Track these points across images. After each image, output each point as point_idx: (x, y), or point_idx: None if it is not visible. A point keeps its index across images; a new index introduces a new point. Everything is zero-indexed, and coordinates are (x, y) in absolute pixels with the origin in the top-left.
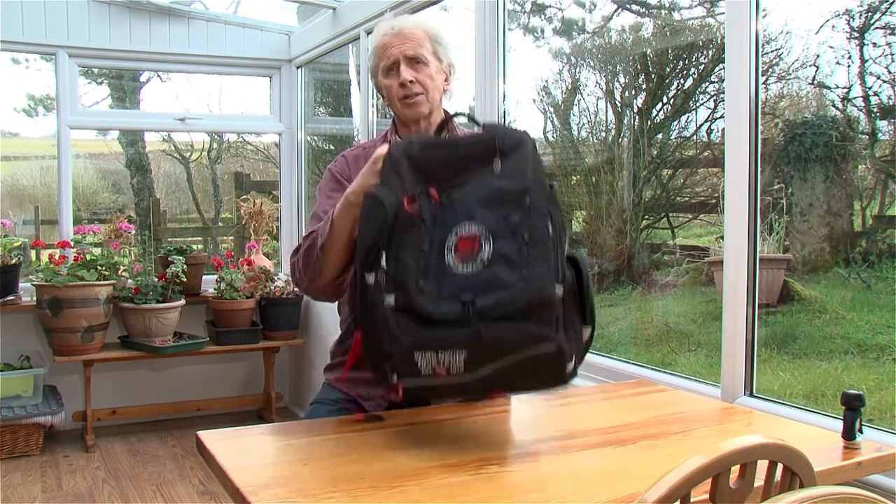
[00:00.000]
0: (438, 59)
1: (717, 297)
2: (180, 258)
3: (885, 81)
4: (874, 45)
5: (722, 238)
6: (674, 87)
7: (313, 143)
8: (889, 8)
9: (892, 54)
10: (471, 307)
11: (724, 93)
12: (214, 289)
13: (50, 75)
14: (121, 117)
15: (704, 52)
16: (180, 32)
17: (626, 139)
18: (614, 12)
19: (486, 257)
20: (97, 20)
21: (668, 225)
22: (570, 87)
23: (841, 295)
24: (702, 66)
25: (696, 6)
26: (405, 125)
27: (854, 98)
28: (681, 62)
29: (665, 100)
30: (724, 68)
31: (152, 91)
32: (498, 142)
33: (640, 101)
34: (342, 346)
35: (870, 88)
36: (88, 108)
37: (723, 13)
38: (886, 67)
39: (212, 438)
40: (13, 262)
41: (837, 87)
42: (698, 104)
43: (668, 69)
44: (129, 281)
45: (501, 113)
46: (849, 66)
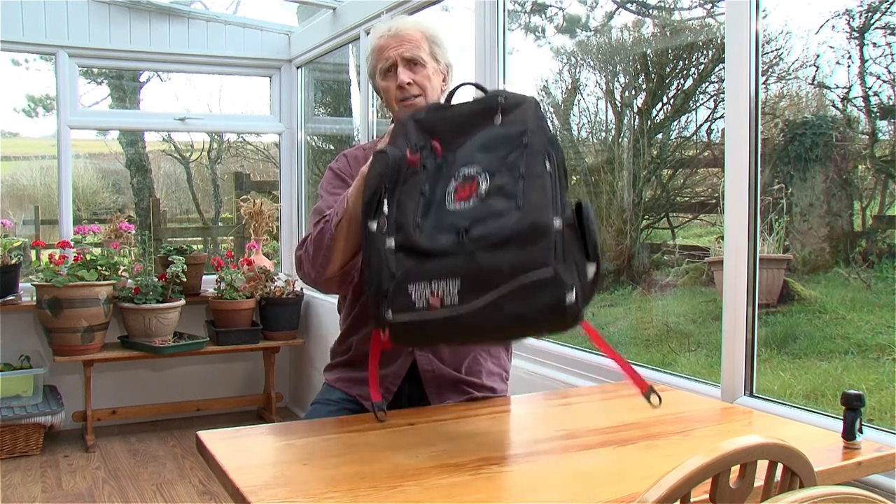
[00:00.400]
0: (436, 60)
1: (717, 297)
2: (180, 258)
3: (885, 81)
4: (874, 45)
5: (722, 238)
6: (674, 87)
7: (313, 143)
8: (889, 8)
9: (892, 54)
10: (464, 235)
11: (724, 93)
12: (214, 289)
13: (50, 75)
14: (121, 117)
15: (704, 52)
16: (180, 32)
17: (626, 139)
18: (614, 11)
19: (482, 192)
20: (97, 20)
21: (668, 225)
22: (570, 87)
23: (841, 295)
24: (702, 66)
25: (696, 6)
26: None
27: (854, 98)
28: (681, 62)
29: (665, 100)
30: (724, 68)
31: (152, 91)
32: (500, 99)
33: (640, 101)
34: (342, 346)
35: (870, 88)
36: (88, 108)
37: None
38: (886, 67)
39: (212, 438)
40: (13, 262)
41: (837, 87)
42: (698, 104)
43: (668, 69)
44: (129, 281)
45: None
46: (849, 66)
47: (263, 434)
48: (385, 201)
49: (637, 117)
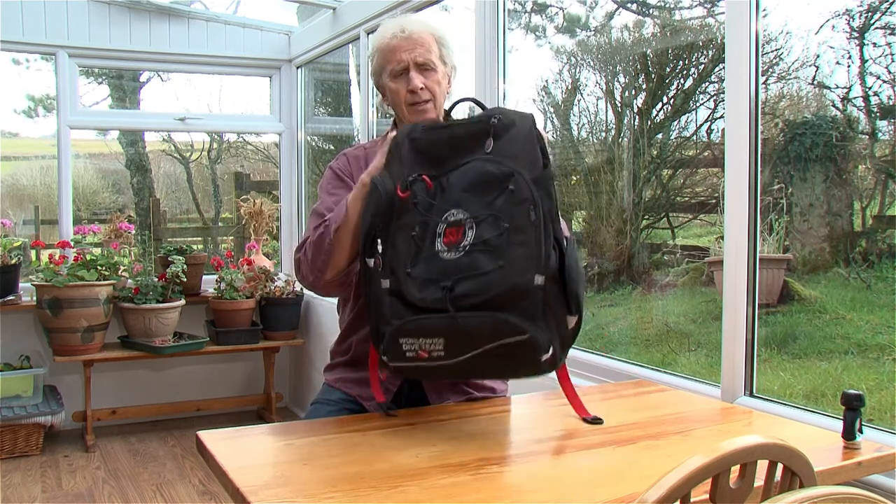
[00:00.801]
0: (444, 63)
1: (717, 297)
2: (180, 258)
3: (885, 81)
4: (874, 45)
5: (722, 238)
6: (674, 87)
7: (313, 143)
8: (889, 8)
9: (892, 54)
10: (448, 294)
11: (724, 93)
12: (214, 289)
13: (50, 75)
14: (121, 117)
15: (704, 52)
16: (180, 32)
17: (626, 139)
18: (615, 11)
19: (468, 243)
20: (97, 20)
21: (668, 225)
22: (570, 87)
23: (841, 295)
24: (702, 66)
25: (696, 6)
26: None
27: (854, 98)
28: (681, 62)
29: (665, 100)
30: (724, 68)
31: (152, 91)
32: (492, 121)
33: (640, 101)
34: (342, 346)
35: (870, 88)
36: (88, 108)
37: (723, 13)
38: (886, 67)
39: (212, 438)
40: (13, 262)
41: (837, 87)
42: (698, 104)
43: (668, 69)
44: (129, 281)
45: None
46: (849, 66)
47: (263, 434)
48: (379, 240)
49: (637, 117)
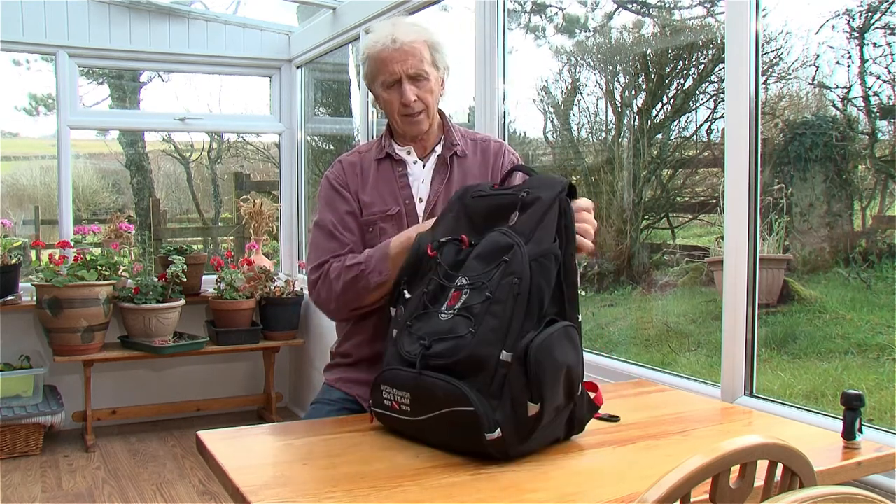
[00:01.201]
0: (436, 68)
1: (717, 297)
2: (180, 258)
3: (885, 81)
4: (874, 45)
5: (722, 238)
6: (674, 87)
7: (313, 143)
8: (889, 8)
9: (892, 54)
10: (424, 351)
11: (724, 93)
12: (214, 289)
13: (51, 76)
14: (121, 117)
15: (704, 52)
16: (180, 32)
17: (626, 139)
18: (614, 11)
19: (457, 307)
20: (97, 20)
21: (668, 225)
22: (570, 87)
23: (841, 295)
24: (702, 66)
25: (696, 6)
26: (402, 137)
27: (854, 98)
28: (681, 62)
29: (665, 100)
30: (724, 68)
31: (152, 91)
32: (521, 195)
33: (640, 101)
34: (342, 348)
35: (870, 88)
36: (88, 108)
37: (723, 13)
38: (886, 67)
39: (212, 438)
40: (13, 262)
41: (837, 87)
42: (698, 104)
43: (668, 69)
44: (129, 281)
45: (501, 113)
46: (849, 66)
47: (263, 434)
48: (406, 292)
49: (637, 117)
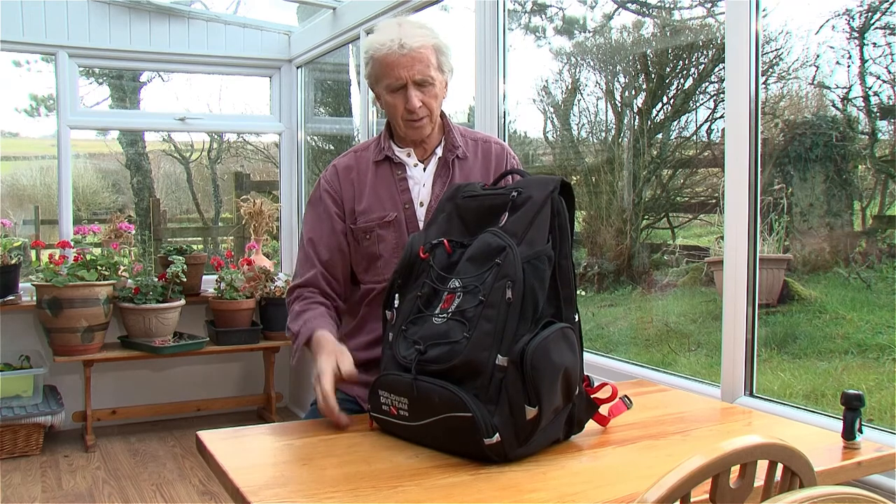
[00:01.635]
0: (441, 72)
1: (717, 297)
2: (180, 258)
3: (885, 81)
4: (874, 45)
5: (722, 238)
6: (674, 87)
7: (313, 143)
8: (889, 8)
9: (892, 54)
10: (419, 356)
11: (724, 93)
12: (214, 289)
13: (51, 76)
14: (121, 117)
15: (704, 52)
16: (180, 32)
17: (626, 139)
18: (614, 11)
19: (451, 310)
20: (97, 20)
21: (668, 225)
22: (570, 87)
23: (841, 295)
24: (702, 66)
25: (696, 6)
26: (403, 139)
27: (854, 98)
28: (681, 62)
29: (665, 100)
30: (724, 68)
31: (152, 91)
32: (511, 195)
33: (640, 101)
34: None
35: (870, 88)
36: (88, 108)
37: (723, 13)
38: (886, 67)
39: (212, 438)
40: (13, 262)
41: (837, 87)
42: (698, 104)
43: (668, 69)
44: (129, 281)
45: (501, 113)
46: (849, 66)
47: (263, 434)
48: (397, 295)
49: (637, 117)
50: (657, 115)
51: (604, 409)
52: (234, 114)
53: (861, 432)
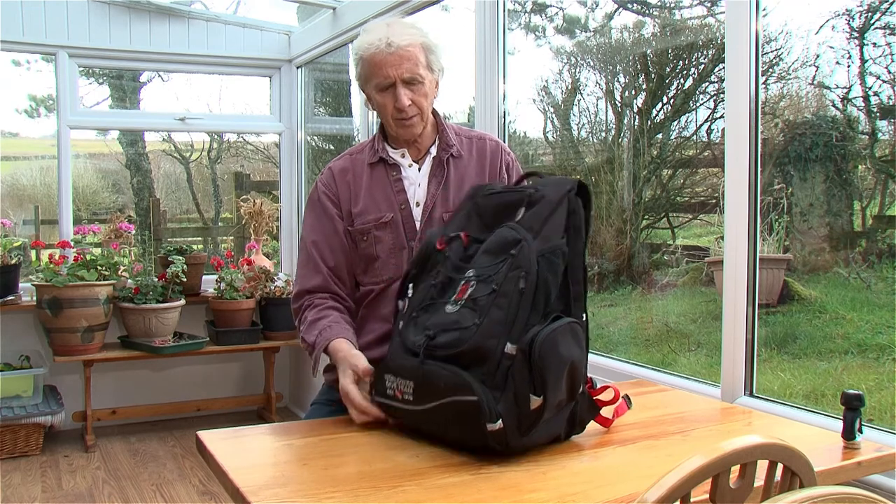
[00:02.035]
0: (431, 70)
1: (717, 297)
2: (180, 258)
3: (885, 81)
4: (874, 45)
5: (722, 238)
6: (674, 87)
7: (313, 143)
8: (889, 8)
9: (892, 54)
10: (428, 341)
11: (724, 93)
12: (214, 289)
13: (51, 76)
14: (121, 117)
15: (704, 52)
16: (180, 32)
17: (626, 139)
18: (615, 11)
19: (464, 299)
20: (97, 20)
21: (668, 225)
22: (570, 87)
23: (841, 295)
24: (702, 66)
25: (696, 6)
26: (396, 139)
27: (854, 98)
28: (681, 62)
29: (665, 100)
30: (724, 68)
31: (152, 91)
32: (528, 192)
33: (640, 101)
34: None
35: (870, 88)
36: (88, 108)
37: (723, 13)
38: (886, 67)
39: (212, 438)
40: (13, 262)
41: (837, 87)
42: (698, 104)
43: (668, 69)
44: (129, 281)
45: (501, 113)
46: (849, 66)
47: (263, 434)
48: (410, 285)
49: (637, 117)
50: (657, 115)
51: (608, 411)
52: (234, 114)
53: (861, 432)
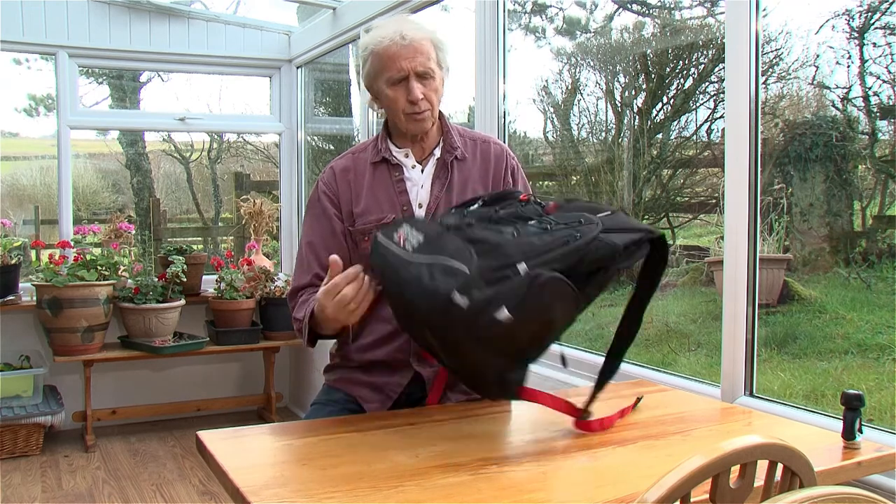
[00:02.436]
0: (440, 67)
1: (717, 297)
2: (180, 258)
3: (885, 81)
4: (874, 45)
5: (722, 238)
6: (674, 87)
7: (313, 143)
8: (889, 8)
9: (892, 54)
10: (462, 221)
11: (724, 93)
12: (214, 289)
13: (51, 76)
14: (121, 117)
15: (704, 52)
16: (180, 32)
17: (626, 139)
18: (615, 12)
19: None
20: (97, 20)
21: (668, 225)
22: (570, 87)
23: (841, 295)
24: (702, 66)
25: (696, 6)
26: (403, 136)
27: (854, 98)
28: (681, 62)
29: (665, 100)
30: (724, 68)
31: (152, 91)
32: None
33: (640, 101)
34: (342, 350)
35: (870, 88)
36: (88, 108)
37: (723, 13)
38: (886, 67)
39: (212, 438)
40: (13, 262)
41: (837, 87)
42: (698, 104)
43: (668, 69)
44: (129, 281)
45: (501, 113)
46: (849, 66)
47: (263, 434)
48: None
49: (637, 117)
50: (657, 115)
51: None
52: (234, 114)
53: (861, 432)
